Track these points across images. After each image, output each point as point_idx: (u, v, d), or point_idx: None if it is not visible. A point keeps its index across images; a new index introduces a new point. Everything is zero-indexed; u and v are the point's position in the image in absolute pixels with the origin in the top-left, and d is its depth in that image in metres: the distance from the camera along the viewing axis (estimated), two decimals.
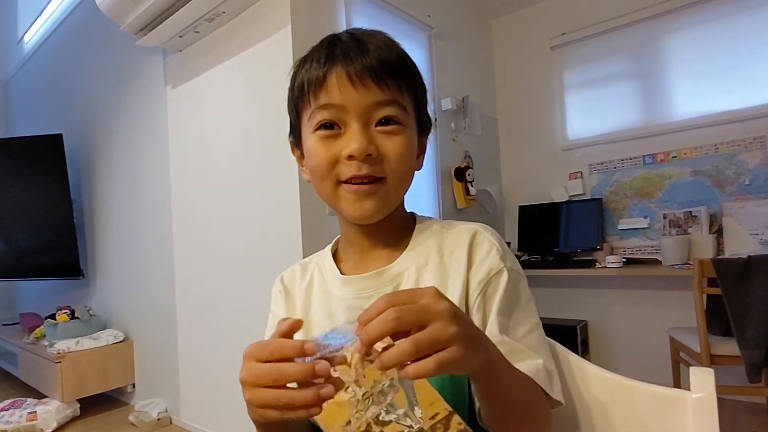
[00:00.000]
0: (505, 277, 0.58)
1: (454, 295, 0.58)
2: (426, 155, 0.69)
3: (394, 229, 0.66)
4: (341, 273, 0.66)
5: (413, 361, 0.38)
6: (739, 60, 2.52)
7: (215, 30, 2.18)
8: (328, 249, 0.71)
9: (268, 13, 1.97)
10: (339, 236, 0.71)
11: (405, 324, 0.38)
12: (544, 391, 0.53)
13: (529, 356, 0.55)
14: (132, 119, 2.80)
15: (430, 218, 0.69)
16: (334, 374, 0.40)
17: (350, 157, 0.56)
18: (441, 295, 0.41)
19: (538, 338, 0.58)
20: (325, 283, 0.67)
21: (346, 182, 0.57)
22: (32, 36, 3.88)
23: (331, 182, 0.58)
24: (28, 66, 4.06)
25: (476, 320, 0.57)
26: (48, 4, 3.54)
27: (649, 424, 0.57)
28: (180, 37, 2.18)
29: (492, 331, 0.55)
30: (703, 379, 0.53)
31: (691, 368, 0.54)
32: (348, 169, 0.56)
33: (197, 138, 2.35)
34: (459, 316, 0.41)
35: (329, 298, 0.66)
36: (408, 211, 0.70)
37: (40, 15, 3.66)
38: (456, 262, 0.60)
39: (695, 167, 2.63)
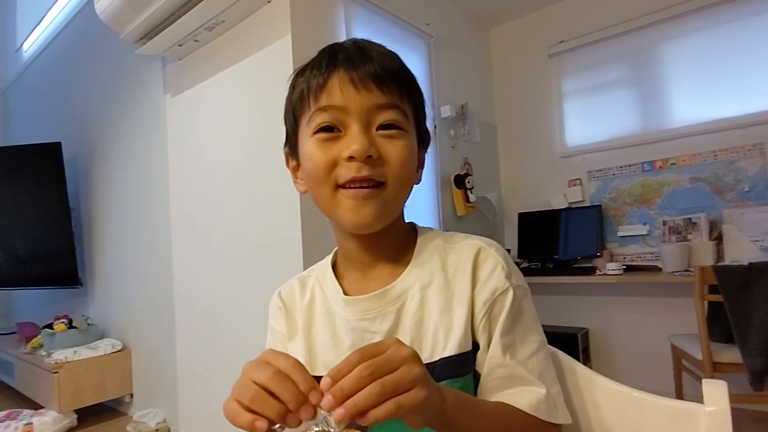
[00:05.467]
0: (510, 296, 0.57)
1: (460, 316, 0.57)
2: (426, 162, 0.68)
3: (395, 243, 0.64)
4: (344, 291, 0.64)
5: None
6: (737, 67, 2.53)
7: (215, 39, 2.18)
8: (328, 263, 0.69)
9: (268, 22, 1.98)
10: (337, 248, 0.69)
11: (378, 375, 0.39)
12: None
13: (530, 383, 0.54)
14: (131, 128, 2.80)
15: (431, 229, 0.67)
16: None
17: (350, 158, 0.54)
18: (402, 343, 0.43)
19: (544, 358, 0.58)
20: (328, 301, 0.66)
21: (344, 187, 0.56)
22: (31, 44, 3.88)
23: (329, 187, 0.56)
24: (27, 74, 4.06)
25: (482, 341, 0.56)
26: (47, 12, 3.54)
27: None
28: (179, 45, 2.18)
29: (494, 353, 0.55)
30: (716, 392, 0.52)
31: (703, 380, 0.53)
32: (347, 171, 0.55)
33: (197, 146, 2.35)
34: (420, 360, 0.43)
35: (333, 318, 0.64)
36: (408, 221, 0.68)
37: (39, 23, 3.66)
38: (460, 280, 0.59)
39: (694, 174, 2.63)
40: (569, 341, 2.70)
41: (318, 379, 0.41)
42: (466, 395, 0.50)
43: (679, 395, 2.25)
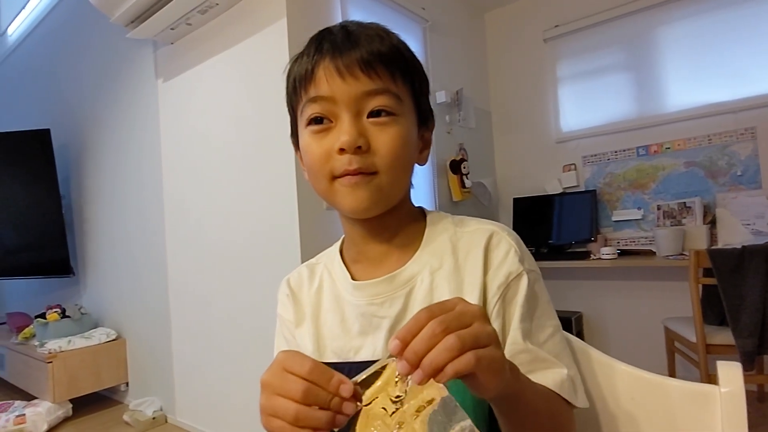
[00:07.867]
0: (525, 280, 0.57)
1: (471, 302, 0.56)
2: None
3: (402, 227, 0.63)
4: (352, 277, 0.63)
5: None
6: (731, 52, 2.53)
7: (208, 22, 2.14)
8: (336, 249, 0.69)
9: (263, 5, 1.94)
10: (344, 235, 0.69)
11: (453, 331, 0.37)
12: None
13: (553, 365, 0.54)
14: (122, 113, 2.75)
15: (441, 213, 0.66)
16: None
17: (341, 151, 0.54)
18: (467, 301, 0.42)
19: (560, 341, 0.58)
20: (336, 287, 0.65)
21: (340, 177, 0.55)
22: (16, 29, 3.79)
23: (326, 179, 0.56)
24: (12, 59, 3.96)
25: (496, 326, 0.55)
26: None
27: (676, 419, 0.57)
28: (171, 29, 2.14)
29: (515, 339, 0.55)
30: (731, 373, 0.53)
31: (718, 363, 0.54)
32: (340, 164, 0.54)
33: (190, 132, 2.31)
34: (489, 319, 0.41)
35: (341, 304, 0.64)
36: (417, 206, 0.67)
37: (24, 7, 3.57)
38: (472, 265, 0.58)
39: (688, 158, 2.65)
40: (564, 325, 2.69)
41: (328, 365, 0.41)
42: None
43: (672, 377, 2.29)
